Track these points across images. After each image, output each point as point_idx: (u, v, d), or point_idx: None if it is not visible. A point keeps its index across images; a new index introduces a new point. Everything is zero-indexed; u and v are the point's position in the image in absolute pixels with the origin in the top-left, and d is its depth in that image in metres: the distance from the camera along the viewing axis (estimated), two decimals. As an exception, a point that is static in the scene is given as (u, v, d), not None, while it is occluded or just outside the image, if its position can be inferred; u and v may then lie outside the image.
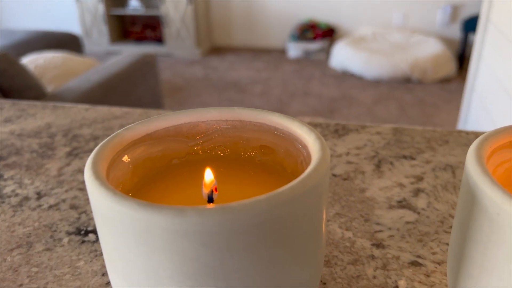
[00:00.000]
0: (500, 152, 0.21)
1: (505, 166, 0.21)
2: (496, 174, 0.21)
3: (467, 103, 1.96)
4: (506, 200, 0.16)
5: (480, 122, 1.74)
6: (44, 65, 2.03)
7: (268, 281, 0.18)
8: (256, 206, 0.16)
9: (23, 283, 0.26)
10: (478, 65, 1.86)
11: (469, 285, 0.19)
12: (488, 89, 1.70)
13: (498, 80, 1.54)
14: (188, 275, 0.17)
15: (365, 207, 0.31)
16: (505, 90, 1.45)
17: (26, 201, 0.34)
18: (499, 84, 1.53)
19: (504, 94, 1.45)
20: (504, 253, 0.17)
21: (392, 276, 0.25)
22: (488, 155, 0.20)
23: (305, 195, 0.17)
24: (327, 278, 0.25)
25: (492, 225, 0.17)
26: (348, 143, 0.40)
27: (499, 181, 0.21)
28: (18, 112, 0.50)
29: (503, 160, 0.21)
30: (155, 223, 0.16)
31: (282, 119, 0.23)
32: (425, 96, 2.66)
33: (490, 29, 1.74)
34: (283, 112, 2.52)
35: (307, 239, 0.18)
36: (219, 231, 0.16)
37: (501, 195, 0.16)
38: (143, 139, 0.23)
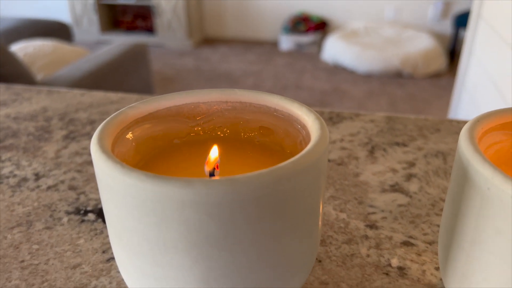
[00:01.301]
0: (491, 134, 0.22)
1: (496, 147, 0.22)
2: (487, 154, 0.22)
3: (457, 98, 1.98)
4: (496, 175, 0.17)
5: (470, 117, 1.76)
6: (34, 53, 2.01)
7: (269, 252, 0.18)
8: (259, 179, 0.17)
9: (25, 259, 0.26)
10: (468, 60, 1.88)
11: (460, 257, 0.20)
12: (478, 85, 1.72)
13: (488, 76, 1.56)
14: (193, 244, 0.17)
15: (358, 191, 0.32)
16: (495, 85, 1.47)
17: (24, 182, 0.34)
18: (489, 79, 1.55)
19: (494, 90, 1.47)
20: (494, 226, 0.18)
21: (385, 255, 0.26)
22: (479, 136, 0.21)
23: (305, 171, 0.18)
24: (322, 256, 0.26)
25: (483, 199, 0.18)
26: (342, 130, 0.41)
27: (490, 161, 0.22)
28: (13, 96, 0.50)
29: (494, 141, 0.22)
30: (162, 194, 0.16)
31: (282, 100, 0.24)
32: (416, 91, 2.68)
33: (481, 25, 1.75)
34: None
35: (306, 213, 0.19)
36: (224, 202, 0.16)
37: (491, 171, 0.17)
38: (146, 118, 0.24)
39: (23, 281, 0.25)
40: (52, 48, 2.06)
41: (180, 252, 0.18)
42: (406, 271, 0.25)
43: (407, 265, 0.25)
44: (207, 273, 0.18)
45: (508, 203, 0.17)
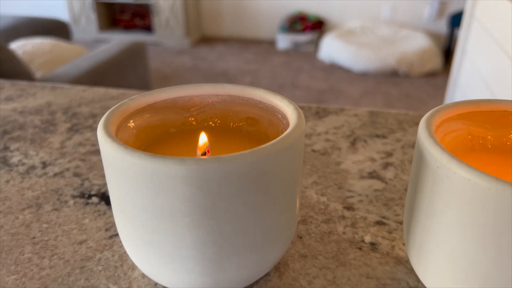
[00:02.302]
0: (450, 123, 0.25)
1: (453, 135, 0.25)
2: (444, 140, 0.25)
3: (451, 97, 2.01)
4: (443, 156, 0.20)
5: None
6: (33, 51, 2.03)
7: (251, 221, 0.21)
8: (241, 158, 0.20)
9: (36, 236, 0.29)
10: (461, 60, 1.91)
11: (417, 230, 0.23)
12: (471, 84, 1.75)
13: (480, 75, 1.59)
14: (185, 214, 0.20)
15: (339, 177, 0.35)
16: (487, 85, 1.50)
17: (32, 169, 0.37)
18: (481, 79, 1.58)
19: (485, 89, 1.50)
20: (442, 200, 0.21)
21: (359, 233, 0.29)
22: (437, 124, 0.24)
23: (281, 152, 0.21)
24: (303, 233, 0.29)
25: (434, 177, 0.21)
26: (327, 123, 0.44)
27: (448, 147, 0.25)
28: (18, 91, 0.53)
29: (452, 129, 0.25)
30: (159, 170, 0.19)
31: (266, 93, 0.27)
32: (411, 90, 2.71)
33: (474, 25, 1.78)
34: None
35: (283, 189, 0.22)
36: (212, 177, 0.19)
37: (440, 152, 0.20)
38: (145, 109, 0.27)
39: (35, 254, 0.28)
40: (51, 46, 2.08)
41: (175, 221, 0.21)
42: (377, 246, 0.28)
43: (379, 241, 0.29)
44: (197, 239, 0.21)
45: (454, 179, 0.20)
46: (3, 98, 0.51)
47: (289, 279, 0.26)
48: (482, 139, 0.26)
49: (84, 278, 0.26)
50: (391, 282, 0.25)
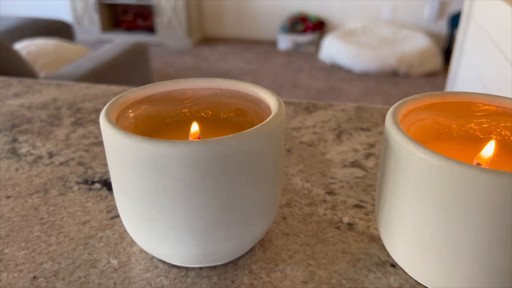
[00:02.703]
0: (417, 113, 0.28)
1: (419, 124, 0.28)
2: (411, 128, 0.27)
3: (448, 96, 2.03)
4: (404, 139, 0.23)
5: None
6: (37, 52, 2.06)
7: (235, 198, 0.24)
8: (226, 141, 0.22)
9: (43, 217, 0.32)
10: (459, 60, 1.93)
11: (384, 207, 0.26)
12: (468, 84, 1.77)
13: (477, 75, 1.61)
14: (177, 190, 0.23)
15: (323, 166, 0.38)
16: (483, 85, 1.52)
17: (40, 159, 0.40)
18: (478, 78, 1.60)
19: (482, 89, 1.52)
20: (403, 179, 0.23)
21: (338, 214, 0.32)
22: (404, 113, 0.27)
23: (263, 136, 0.24)
24: (287, 215, 0.32)
25: (396, 159, 0.24)
26: (316, 117, 0.46)
27: (414, 135, 0.27)
28: (25, 88, 0.55)
29: (418, 119, 0.28)
30: (154, 152, 0.22)
31: (252, 87, 0.30)
32: (411, 90, 2.74)
33: (471, 25, 1.80)
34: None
35: (265, 169, 0.25)
36: (200, 157, 0.22)
37: (401, 136, 0.23)
38: (143, 100, 0.29)
39: (43, 232, 0.30)
40: (55, 46, 2.11)
41: (168, 197, 0.23)
42: (354, 226, 0.31)
43: (356, 222, 0.31)
44: (188, 213, 0.24)
45: (412, 159, 0.22)
46: (11, 94, 0.54)
47: (272, 254, 0.29)
48: (448, 127, 0.29)
49: (87, 253, 0.29)
50: (364, 257, 0.28)
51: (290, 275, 0.27)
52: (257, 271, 0.27)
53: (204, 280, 0.27)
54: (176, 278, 0.27)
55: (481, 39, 1.60)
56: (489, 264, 0.22)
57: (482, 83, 1.52)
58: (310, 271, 0.27)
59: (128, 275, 0.27)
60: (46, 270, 0.27)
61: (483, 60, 1.56)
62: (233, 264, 0.28)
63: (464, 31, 1.86)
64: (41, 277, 0.27)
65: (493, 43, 1.43)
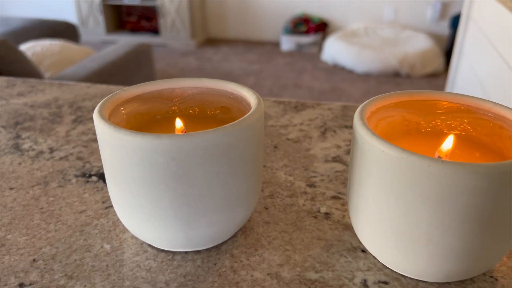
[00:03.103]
0: (385, 110, 0.30)
1: (388, 120, 0.30)
2: (380, 124, 0.30)
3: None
4: (367, 133, 0.25)
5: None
6: (42, 53, 2.09)
7: (216, 187, 0.27)
8: (206, 134, 0.25)
9: (43, 207, 0.35)
10: (459, 60, 1.94)
11: (353, 196, 0.28)
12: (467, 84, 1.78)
13: (476, 75, 1.63)
14: (161, 179, 0.25)
15: (306, 161, 0.40)
16: (481, 85, 1.54)
17: (41, 154, 0.42)
18: (476, 79, 1.62)
19: (480, 89, 1.54)
20: (367, 169, 0.26)
21: (317, 205, 0.34)
22: (373, 110, 0.29)
23: (241, 131, 0.26)
24: (269, 205, 0.34)
25: (361, 152, 0.26)
26: (303, 116, 0.49)
27: (382, 130, 0.30)
28: (29, 88, 0.58)
29: (387, 115, 0.30)
30: (141, 144, 0.25)
31: (235, 86, 0.32)
32: (411, 90, 2.75)
33: (470, 26, 1.82)
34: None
35: (244, 161, 0.27)
36: (183, 149, 0.25)
37: (364, 130, 0.25)
38: (134, 98, 0.32)
39: (42, 221, 0.33)
40: (60, 47, 2.14)
41: (154, 185, 0.26)
42: (330, 216, 0.33)
43: (332, 211, 0.34)
44: (172, 201, 0.26)
45: (373, 152, 0.25)
46: (15, 93, 0.56)
47: (253, 240, 0.31)
48: (416, 124, 0.31)
49: (83, 239, 0.31)
50: (337, 243, 0.31)
51: (268, 259, 0.29)
52: (238, 255, 0.30)
53: (188, 263, 0.29)
54: (163, 261, 0.29)
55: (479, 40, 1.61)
56: (444, 247, 0.24)
57: (480, 84, 1.54)
58: (287, 255, 0.29)
59: (120, 258, 0.29)
60: (45, 253, 0.30)
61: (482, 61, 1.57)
62: (216, 249, 0.30)
63: (464, 32, 1.88)
64: (40, 259, 0.29)
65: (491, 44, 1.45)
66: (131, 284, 0.27)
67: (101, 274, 0.28)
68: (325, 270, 0.28)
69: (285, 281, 0.27)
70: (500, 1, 1.35)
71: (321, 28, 3.35)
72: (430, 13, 3.25)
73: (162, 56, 3.26)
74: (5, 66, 1.54)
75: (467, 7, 1.83)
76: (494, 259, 0.26)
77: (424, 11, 3.27)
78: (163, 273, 0.28)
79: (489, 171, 0.22)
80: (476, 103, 0.30)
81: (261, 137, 0.29)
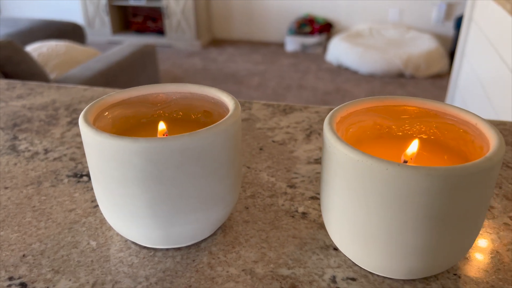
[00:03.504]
0: (357, 115, 0.32)
1: (359, 124, 0.32)
2: (351, 129, 0.31)
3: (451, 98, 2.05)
4: (332, 137, 0.27)
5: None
6: (48, 53, 2.12)
7: (192, 188, 0.28)
8: (181, 138, 0.26)
9: (35, 205, 0.36)
10: (461, 62, 1.95)
11: (323, 196, 0.29)
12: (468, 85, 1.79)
13: (477, 77, 1.63)
14: (139, 180, 0.27)
15: (289, 163, 0.42)
16: (482, 86, 1.54)
17: (36, 155, 0.44)
18: (477, 80, 1.62)
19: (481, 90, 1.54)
20: (333, 171, 0.27)
21: (295, 205, 0.36)
22: (344, 115, 0.31)
23: (215, 135, 0.28)
24: (249, 205, 0.36)
25: (328, 154, 0.27)
26: (291, 119, 0.50)
27: (353, 134, 0.31)
28: (28, 90, 0.60)
29: (359, 120, 0.32)
30: (120, 147, 0.26)
31: (216, 91, 0.34)
32: (417, 92, 2.75)
33: (472, 27, 1.82)
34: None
35: (219, 164, 0.29)
36: (159, 151, 0.26)
37: (330, 135, 0.27)
38: (120, 103, 0.34)
39: (34, 218, 0.35)
40: (65, 48, 2.17)
41: (133, 186, 0.27)
42: (307, 215, 0.35)
43: (309, 211, 0.35)
44: (150, 200, 0.28)
45: (338, 155, 0.26)
46: (15, 96, 0.58)
47: (231, 238, 0.32)
48: (388, 128, 0.33)
49: (71, 236, 0.33)
50: (311, 241, 0.32)
51: (244, 256, 0.31)
52: (216, 252, 0.31)
53: (168, 259, 0.31)
54: (145, 257, 0.31)
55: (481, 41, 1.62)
56: (403, 245, 0.26)
57: (481, 85, 1.54)
58: (262, 253, 0.31)
59: (104, 254, 0.31)
60: (34, 249, 0.32)
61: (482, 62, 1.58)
62: (196, 246, 0.32)
63: (466, 34, 1.88)
64: (29, 255, 0.31)
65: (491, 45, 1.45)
66: (113, 278, 0.29)
67: (85, 269, 0.30)
68: (297, 267, 0.30)
69: (258, 277, 0.29)
70: (499, 3, 1.35)
71: (325, 29, 3.36)
72: (435, 14, 3.24)
73: (167, 56, 3.28)
74: (11, 67, 1.56)
75: (470, 8, 1.84)
76: (454, 257, 0.28)
77: (429, 12, 3.27)
78: (144, 268, 0.30)
79: (440, 174, 0.23)
80: (443, 108, 0.31)
81: (238, 140, 0.31)
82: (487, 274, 0.29)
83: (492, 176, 0.25)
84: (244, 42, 3.64)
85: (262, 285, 0.28)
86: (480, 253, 0.31)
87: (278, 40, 3.58)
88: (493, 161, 0.24)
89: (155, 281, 0.29)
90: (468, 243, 0.28)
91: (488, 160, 0.24)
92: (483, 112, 1.44)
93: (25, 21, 2.66)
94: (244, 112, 0.52)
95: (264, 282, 0.29)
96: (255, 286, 0.28)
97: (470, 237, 0.27)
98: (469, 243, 0.28)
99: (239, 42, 3.65)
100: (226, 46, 3.54)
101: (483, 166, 0.24)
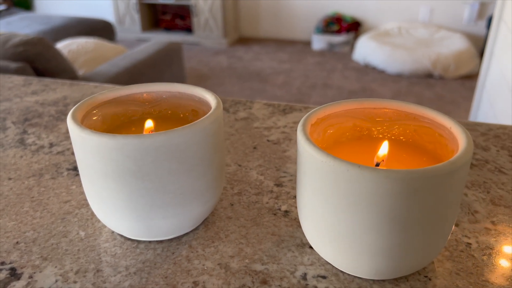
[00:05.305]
0: (336, 117, 0.32)
1: (337, 126, 0.32)
2: (328, 130, 0.32)
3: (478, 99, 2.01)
4: (305, 142, 0.27)
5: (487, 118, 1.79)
6: (77, 50, 2.18)
7: (169, 183, 0.29)
8: (158, 136, 0.28)
9: (34, 196, 0.39)
10: (489, 62, 1.90)
11: (297, 196, 0.30)
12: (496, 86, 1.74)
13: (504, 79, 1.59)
14: (119, 174, 0.29)
15: (280, 162, 0.42)
16: (508, 86, 1.50)
17: (41, 148, 0.46)
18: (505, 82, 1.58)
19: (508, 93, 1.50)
20: (302, 172, 0.28)
21: (279, 203, 0.37)
22: (322, 117, 0.31)
23: (193, 132, 0.29)
24: (235, 202, 0.37)
25: (301, 157, 0.28)
26: (289, 119, 0.51)
27: (330, 136, 0.32)
28: (42, 86, 0.63)
29: (338, 122, 0.32)
30: (101, 143, 0.28)
31: (202, 91, 0.35)
32: (445, 93, 2.69)
33: (502, 27, 1.78)
34: (302, 102, 2.60)
35: (197, 161, 0.30)
36: (137, 148, 0.28)
37: (304, 140, 0.28)
38: (111, 101, 0.35)
39: (31, 208, 0.37)
40: (94, 45, 2.22)
41: (113, 180, 0.29)
42: (289, 213, 0.35)
43: (292, 210, 0.36)
44: (130, 194, 0.29)
45: (307, 157, 0.27)
46: (30, 92, 0.61)
47: (212, 233, 0.34)
48: (368, 130, 0.33)
49: (62, 226, 0.35)
50: (289, 239, 0.33)
51: (221, 250, 0.32)
52: (195, 246, 0.32)
53: (150, 251, 0.32)
54: (128, 248, 0.32)
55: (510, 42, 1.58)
56: (368, 245, 0.26)
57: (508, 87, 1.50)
58: (239, 248, 0.32)
59: (91, 244, 0.33)
60: (27, 237, 0.34)
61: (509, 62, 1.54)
62: (177, 240, 0.33)
63: (495, 34, 1.83)
64: (22, 242, 0.33)
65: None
66: (95, 267, 0.31)
67: (71, 257, 0.32)
68: (271, 263, 0.31)
69: (232, 271, 0.30)
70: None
71: (353, 28, 3.33)
72: (468, 13, 3.16)
73: (194, 54, 3.32)
74: (42, 63, 1.62)
75: (499, 8, 1.79)
76: (423, 259, 0.28)
77: (461, 11, 3.19)
78: (126, 259, 0.31)
79: (399, 177, 0.24)
80: (422, 111, 0.31)
81: (218, 138, 0.32)
82: (458, 277, 0.29)
83: (456, 179, 0.25)
84: (270, 41, 3.64)
85: (234, 279, 0.30)
86: (455, 257, 0.31)
87: (305, 39, 3.57)
88: (455, 165, 0.25)
89: (134, 271, 0.30)
90: (436, 246, 0.28)
91: (451, 164, 0.25)
92: (508, 112, 1.41)
93: (58, 19, 2.75)
94: (244, 111, 0.53)
95: (237, 276, 0.30)
96: (228, 279, 0.29)
97: (437, 240, 0.27)
98: (438, 245, 0.28)
99: (266, 40, 3.66)
100: (253, 45, 3.55)
101: (445, 169, 0.24)
